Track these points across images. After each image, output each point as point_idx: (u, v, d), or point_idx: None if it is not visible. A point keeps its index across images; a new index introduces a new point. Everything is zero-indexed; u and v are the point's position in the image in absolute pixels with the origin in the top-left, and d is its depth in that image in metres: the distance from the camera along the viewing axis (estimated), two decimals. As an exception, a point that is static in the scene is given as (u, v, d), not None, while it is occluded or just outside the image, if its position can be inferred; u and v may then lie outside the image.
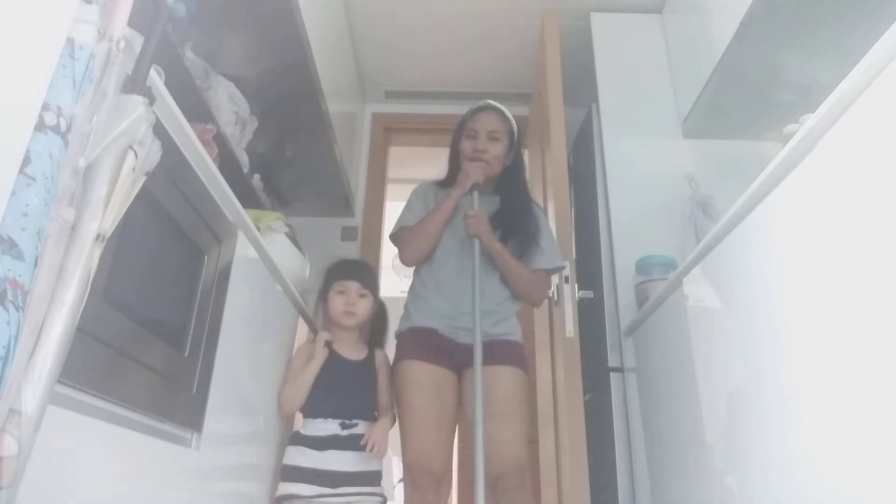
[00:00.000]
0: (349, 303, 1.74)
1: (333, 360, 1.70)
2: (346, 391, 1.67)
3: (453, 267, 1.74)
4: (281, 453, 1.65)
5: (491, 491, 1.50)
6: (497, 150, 1.83)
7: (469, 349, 1.61)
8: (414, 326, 1.72)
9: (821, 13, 1.81)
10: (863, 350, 0.90)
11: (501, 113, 1.88)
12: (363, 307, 1.76)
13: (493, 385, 1.59)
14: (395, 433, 1.67)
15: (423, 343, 1.68)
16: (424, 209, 1.83)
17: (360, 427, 1.63)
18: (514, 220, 1.80)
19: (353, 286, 1.77)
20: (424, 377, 1.64)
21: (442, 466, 1.57)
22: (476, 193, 1.78)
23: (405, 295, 1.84)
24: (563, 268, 1.89)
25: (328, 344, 1.72)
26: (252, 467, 1.59)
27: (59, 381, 0.65)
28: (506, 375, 1.63)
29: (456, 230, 1.77)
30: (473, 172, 1.77)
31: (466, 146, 1.84)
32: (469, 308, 1.65)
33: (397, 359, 1.72)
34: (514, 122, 1.90)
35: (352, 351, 1.76)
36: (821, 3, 1.77)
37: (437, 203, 1.80)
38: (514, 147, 1.89)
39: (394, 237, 1.87)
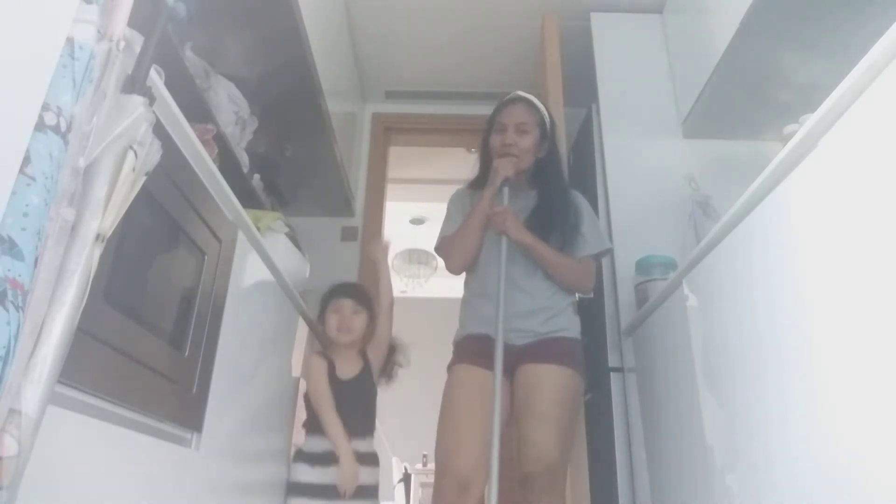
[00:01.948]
0: (344, 320, 1.84)
1: (329, 381, 1.78)
2: (341, 411, 1.73)
3: (496, 271, 1.67)
4: (281, 453, 1.66)
5: (520, 491, 1.48)
6: (526, 142, 1.77)
7: (520, 349, 1.61)
8: (468, 334, 1.72)
9: (821, 13, 1.81)
10: (859, 350, 0.90)
11: (530, 104, 1.82)
12: (358, 323, 1.87)
13: (535, 384, 1.57)
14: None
15: (474, 348, 1.66)
16: (463, 216, 1.79)
17: (353, 444, 1.70)
18: (552, 213, 1.75)
19: (347, 304, 1.87)
20: (467, 379, 1.62)
21: (468, 469, 1.49)
22: (506, 189, 1.73)
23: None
24: (609, 249, 1.83)
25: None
26: (252, 467, 1.59)
27: (59, 381, 0.65)
28: (550, 374, 1.58)
29: (492, 233, 1.72)
30: (502, 168, 1.73)
31: (495, 141, 1.80)
32: (518, 309, 1.64)
33: (449, 366, 1.71)
34: (545, 112, 1.84)
35: (348, 367, 1.83)
36: (821, 3, 1.77)
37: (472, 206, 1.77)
38: (548, 138, 1.83)
39: (438, 249, 1.84)
